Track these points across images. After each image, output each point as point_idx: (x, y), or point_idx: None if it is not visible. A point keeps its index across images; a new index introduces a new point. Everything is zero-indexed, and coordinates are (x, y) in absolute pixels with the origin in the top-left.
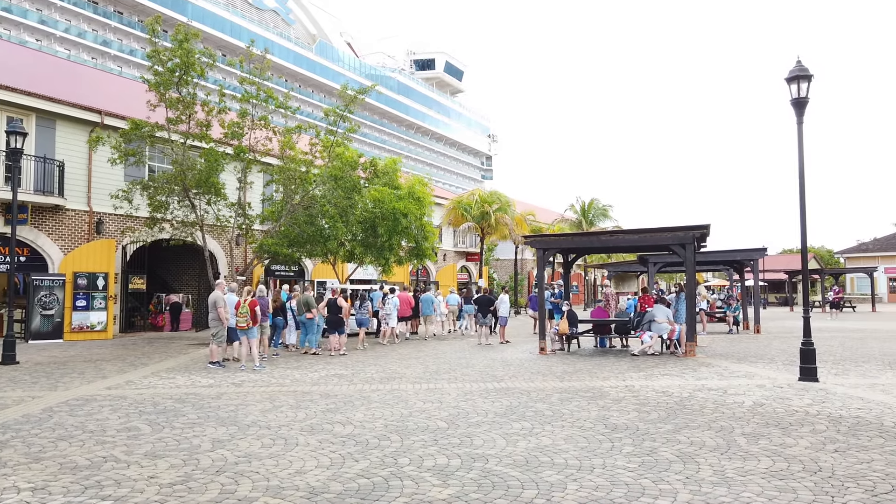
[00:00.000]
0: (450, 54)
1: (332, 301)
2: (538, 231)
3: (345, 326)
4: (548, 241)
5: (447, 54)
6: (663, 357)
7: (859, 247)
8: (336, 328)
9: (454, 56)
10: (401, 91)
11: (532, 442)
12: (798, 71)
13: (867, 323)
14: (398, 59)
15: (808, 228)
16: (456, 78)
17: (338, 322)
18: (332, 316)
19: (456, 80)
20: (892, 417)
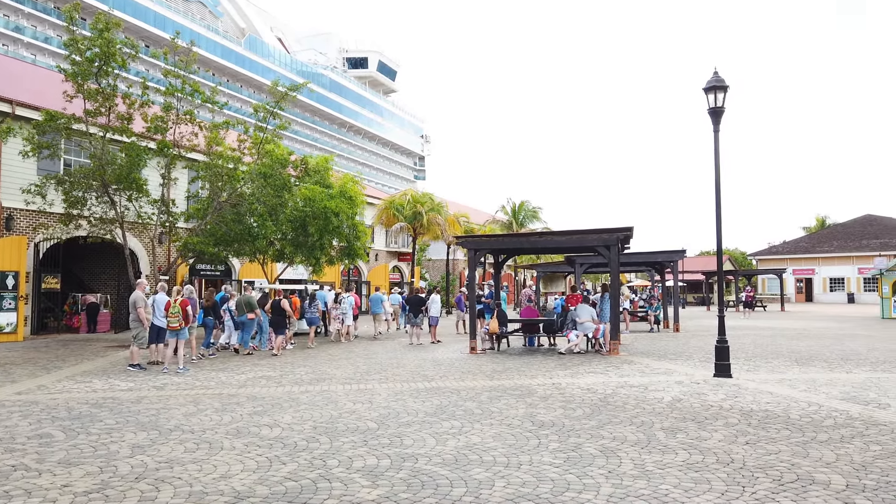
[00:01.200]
0: (383, 53)
1: (276, 302)
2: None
3: (286, 327)
4: (479, 241)
5: (380, 53)
6: (588, 355)
7: (770, 249)
8: (278, 329)
9: (387, 55)
10: (333, 89)
11: (461, 440)
12: (715, 82)
13: (777, 321)
14: (330, 57)
15: (724, 231)
16: (389, 77)
17: (280, 323)
18: (275, 317)
19: (389, 79)
20: (798, 410)
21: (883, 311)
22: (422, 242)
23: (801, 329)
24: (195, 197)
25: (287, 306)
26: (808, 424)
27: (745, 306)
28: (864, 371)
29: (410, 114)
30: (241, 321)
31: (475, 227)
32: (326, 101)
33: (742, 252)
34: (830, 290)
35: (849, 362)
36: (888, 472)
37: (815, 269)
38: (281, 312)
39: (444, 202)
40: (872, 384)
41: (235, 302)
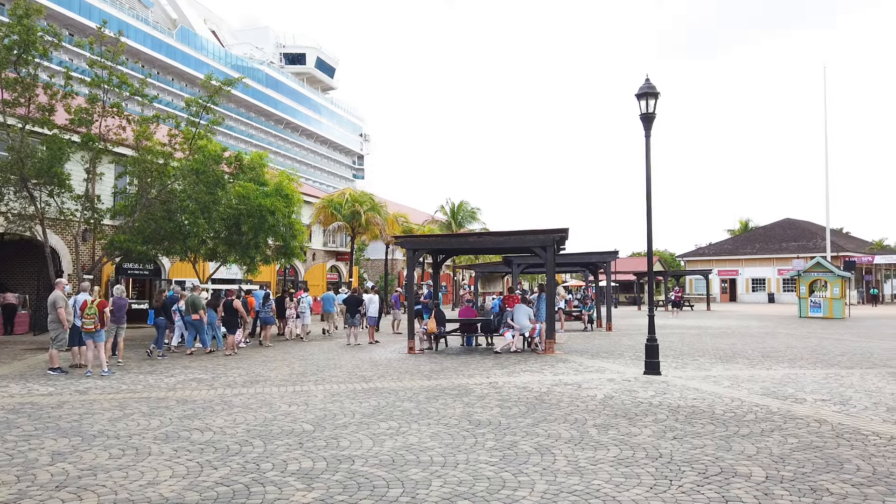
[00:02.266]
0: (321, 50)
1: (228, 302)
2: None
3: (238, 327)
4: (418, 241)
5: (318, 50)
6: (525, 354)
7: (697, 251)
8: (231, 329)
9: (326, 52)
10: (269, 84)
11: (399, 441)
12: (646, 88)
13: (703, 320)
14: (267, 52)
15: (654, 233)
16: (327, 74)
17: (232, 323)
18: (227, 317)
19: (327, 76)
20: (722, 406)
21: (800, 310)
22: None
23: (726, 328)
24: (122, 193)
25: (240, 306)
26: (731, 419)
27: (674, 306)
28: (783, 367)
29: (349, 112)
30: (188, 321)
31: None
32: (263, 97)
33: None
34: (752, 291)
35: (769, 359)
36: (804, 464)
37: (738, 270)
38: (233, 312)
39: (384, 202)
40: (790, 380)
41: (185, 302)
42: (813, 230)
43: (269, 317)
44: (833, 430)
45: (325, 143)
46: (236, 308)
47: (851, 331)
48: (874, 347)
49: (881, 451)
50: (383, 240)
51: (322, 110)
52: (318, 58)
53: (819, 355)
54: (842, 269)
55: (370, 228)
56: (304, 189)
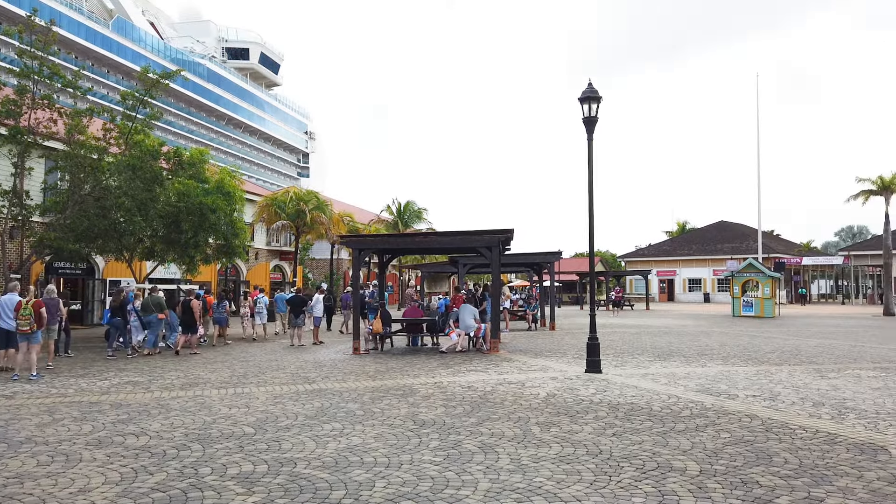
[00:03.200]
0: (265, 45)
1: (186, 302)
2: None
3: (197, 326)
4: (364, 241)
5: (262, 45)
6: (470, 353)
7: (637, 252)
8: (189, 328)
9: (270, 48)
10: (211, 79)
11: (342, 442)
12: (589, 92)
13: (642, 319)
14: (209, 46)
15: (596, 234)
16: (272, 70)
17: (190, 322)
18: (184, 316)
19: (272, 72)
20: (660, 403)
21: (734, 309)
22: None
23: (664, 326)
24: (53, 189)
25: (198, 306)
26: (668, 415)
27: (615, 305)
28: (717, 365)
29: (295, 109)
30: (148, 321)
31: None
32: (204, 92)
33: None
34: (689, 291)
35: (704, 357)
36: (736, 458)
37: (676, 271)
38: (191, 312)
39: (329, 200)
40: (724, 377)
41: (142, 302)
42: (746, 232)
43: (222, 317)
44: (763, 425)
45: (269, 141)
46: (194, 308)
47: (781, 329)
48: (802, 345)
49: (807, 444)
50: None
51: (266, 107)
52: (261, 53)
53: (750, 353)
54: (772, 270)
55: (315, 228)
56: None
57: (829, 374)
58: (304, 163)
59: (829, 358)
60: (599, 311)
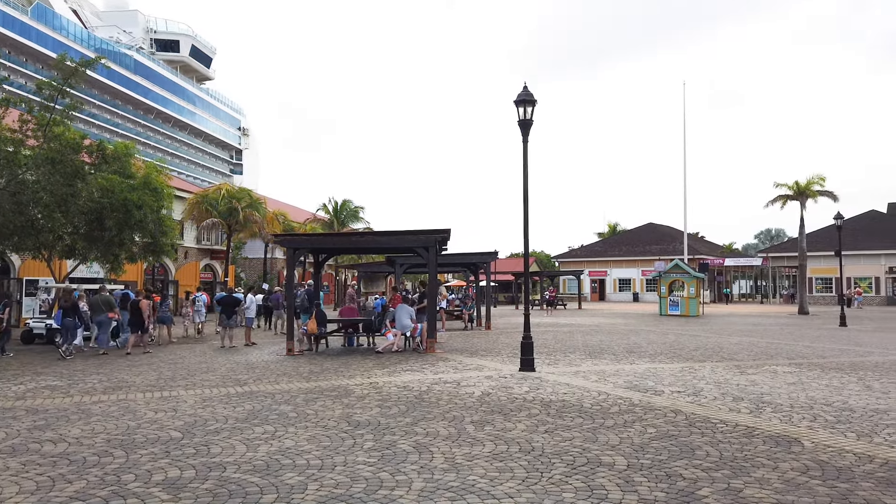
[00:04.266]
0: (197, 38)
1: (135, 302)
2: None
3: (147, 326)
4: (299, 240)
5: (193, 37)
6: (406, 353)
7: (570, 252)
8: (138, 328)
9: (202, 40)
10: (139, 71)
11: (274, 445)
12: (524, 96)
13: (575, 319)
14: (136, 37)
15: (531, 235)
16: (203, 64)
17: (140, 322)
18: (134, 316)
19: (203, 66)
20: (590, 400)
21: (661, 308)
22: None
23: (595, 325)
24: None
25: (146, 306)
26: (598, 412)
27: (548, 305)
28: (645, 362)
29: (228, 104)
30: (99, 321)
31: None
32: (131, 84)
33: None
34: (619, 290)
35: (632, 354)
36: (661, 452)
37: (607, 271)
38: (139, 312)
39: (263, 198)
40: (651, 374)
41: (91, 302)
42: (673, 234)
43: (167, 316)
44: (687, 420)
45: (200, 136)
46: (142, 308)
47: (704, 327)
48: (724, 342)
49: (727, 437)
50: (262, 238)
51: (197, 101)
52: (192, 46)
53: (676, 350)
54: (697, 271)
55: (248, 226)
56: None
57: (748, 371)
58: (238, 160)
59: (749, 355)
60: (534, 311)
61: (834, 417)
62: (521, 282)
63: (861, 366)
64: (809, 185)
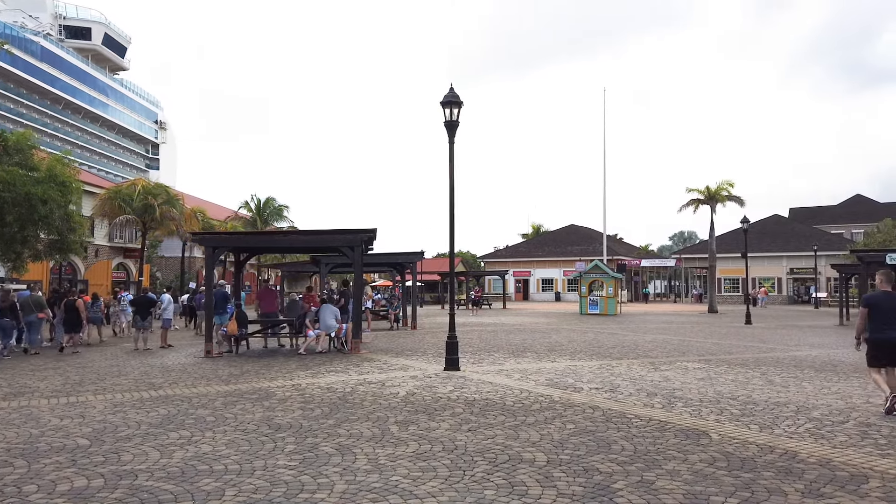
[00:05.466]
0: (110, 26)
1: (70, 302)
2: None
3: (83, 326)
4: (219, 238)
5: (107, 25)
6: (331, 354)
7: (496, 253)
8: (74, 328)
9: (116, 29)
10: (45, 59)
11: (190, 451)
12: (451, 97)
13: (499, 318)
14: (44, 23)
15: (457, 235)
16: (117, 53)
17: (75, 322)
18: (69, 316)
19: (117, 55)
20: (512, 397)
21: (581, 307)
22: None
23: (518, 324)
24: None
25: (82, 306)
26: (520, 409)
27: (474, 304)
28: (565, 360)
29: (143, 96)
30: (29, 322)
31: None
32: (37, 72)
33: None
34: (543, 290)
35: (553, 352)
36: (579, 447)
37: (531, 272)
38: (75, 311)
39: (181, 195)
40: (570, 371)
41: (21, 302)
42: (593, 235)
43: (98, 316)
44: (604, 416)
45: (113, 129)
46: (78, 307)
47: (622, 326)
48: (639, 340)
49: (641, 432)
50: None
51: (110, 92)
52: (105, 34)
53: (595, 348)
54: (615, 271)
55: (165, 223)
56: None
57: (662, 367)
58: (154, 154)
59: (662, 352)
60: (460, 311)
61: (739, 411)
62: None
63: (764, 361)
64: (719, 190)
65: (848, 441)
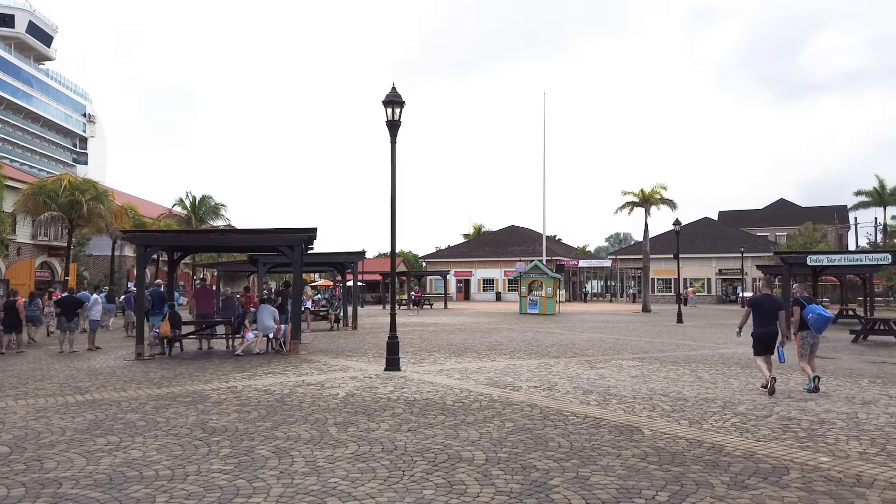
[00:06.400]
0: (35, 13)
1: (11, 303)
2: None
3: (23, 326)
4: (151, 237)
5: (31, 13)
6: (268, 356)
7: (437, 253)
8: (13, 329)
9: (41, 17)
10: None
11: (119, 457)
12: (393, 97)
13: (440, 318)
14: None
15: (398, 235)
16: (43, 42)
17: (14, 322)
18: (9, 316)
19: (43, 44)
20: (453, 397)
21: (521, 307)
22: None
23: (459, 324)
24: None
25: (22, 306)
26: (460, 409)
27: (415, 304)
28: (505, 359)
29: (71, 88)
30: None
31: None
32: None
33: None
34: (483, 290)
35: (493, 352)
36: (517, 445)
37: (472, 272)
38: (15, 311)
39: (110, 191)
40: (510, 370)
41: None
42: (533, 236)
43: (36, 315)
44: (542, 413)
45: (38, 121)
46: (19, 308)
47: (560, 325)
48: (576, 339)
49: (578, 428)
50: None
51: (35, 82)
52: (30, 21)
53: (534, 347)
54: (554, 272)
55: (93, 221)
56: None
57: (598, 365)
58: (82, 148)
59: (598, 350)
60: (401, 311)
61: (670, 407)
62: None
63: (694, 359)
64: (653, 193)
65: (770, 434)
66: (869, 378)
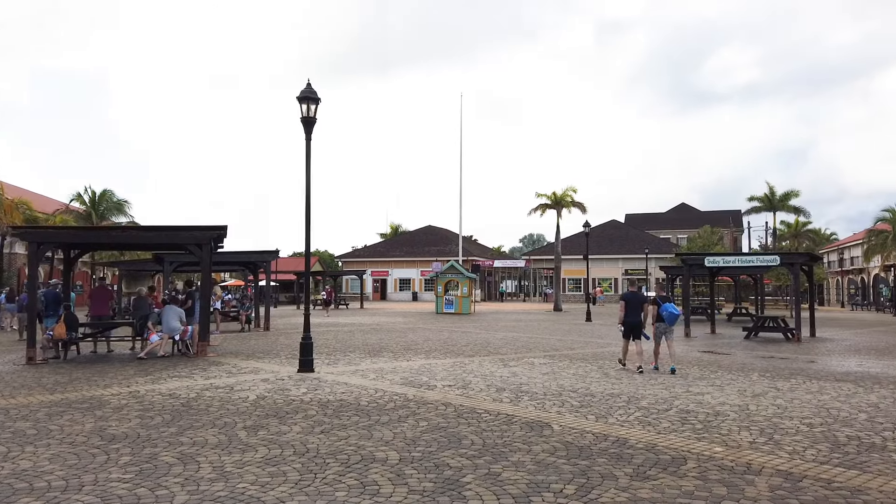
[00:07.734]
0: None
1: None
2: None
3: None
4: (45, 233)
5: None
6: (174, 358)
7: (354, 252)
8: None
9: None
10: None
11: (7, 468)
12: (308, 93)
13: (356, 318)
14: None
15: (314, 234)
16: None
17: None
18: None
19: None
20: (367, 397)
21: (437, 307)
22: None
23: (375, 324)
24: None
25: None
26: (375, 409)
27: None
28: (420, 359)
29: None
30: None
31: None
32: None
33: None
34: (400, 290)
35: (409, 351)
36: (431, 444)
37: (388, 272)
38: None
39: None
40: (425, 370)
41: None
42: (449, 237)
43: None
44: (456, 412)
45: None
46: None
47: (475, 324)
48: (490, 338)
49: (490, 426)
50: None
51: None
52: None
53: (449, 346)
54: (470, 272)
55: None
56: None
57: (511, 363)
58: None
59: (511, 349)
60: (316, 311)
61: (578, 402)
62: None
63: (601, 356)
64: (565, 195)
65: (670, 427)
66: (759, 372)
